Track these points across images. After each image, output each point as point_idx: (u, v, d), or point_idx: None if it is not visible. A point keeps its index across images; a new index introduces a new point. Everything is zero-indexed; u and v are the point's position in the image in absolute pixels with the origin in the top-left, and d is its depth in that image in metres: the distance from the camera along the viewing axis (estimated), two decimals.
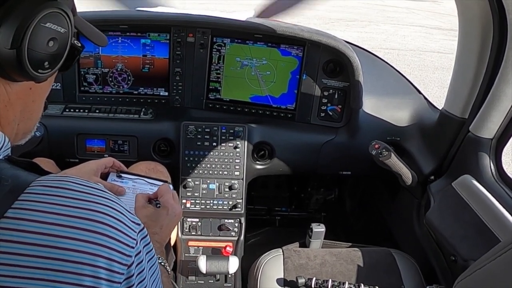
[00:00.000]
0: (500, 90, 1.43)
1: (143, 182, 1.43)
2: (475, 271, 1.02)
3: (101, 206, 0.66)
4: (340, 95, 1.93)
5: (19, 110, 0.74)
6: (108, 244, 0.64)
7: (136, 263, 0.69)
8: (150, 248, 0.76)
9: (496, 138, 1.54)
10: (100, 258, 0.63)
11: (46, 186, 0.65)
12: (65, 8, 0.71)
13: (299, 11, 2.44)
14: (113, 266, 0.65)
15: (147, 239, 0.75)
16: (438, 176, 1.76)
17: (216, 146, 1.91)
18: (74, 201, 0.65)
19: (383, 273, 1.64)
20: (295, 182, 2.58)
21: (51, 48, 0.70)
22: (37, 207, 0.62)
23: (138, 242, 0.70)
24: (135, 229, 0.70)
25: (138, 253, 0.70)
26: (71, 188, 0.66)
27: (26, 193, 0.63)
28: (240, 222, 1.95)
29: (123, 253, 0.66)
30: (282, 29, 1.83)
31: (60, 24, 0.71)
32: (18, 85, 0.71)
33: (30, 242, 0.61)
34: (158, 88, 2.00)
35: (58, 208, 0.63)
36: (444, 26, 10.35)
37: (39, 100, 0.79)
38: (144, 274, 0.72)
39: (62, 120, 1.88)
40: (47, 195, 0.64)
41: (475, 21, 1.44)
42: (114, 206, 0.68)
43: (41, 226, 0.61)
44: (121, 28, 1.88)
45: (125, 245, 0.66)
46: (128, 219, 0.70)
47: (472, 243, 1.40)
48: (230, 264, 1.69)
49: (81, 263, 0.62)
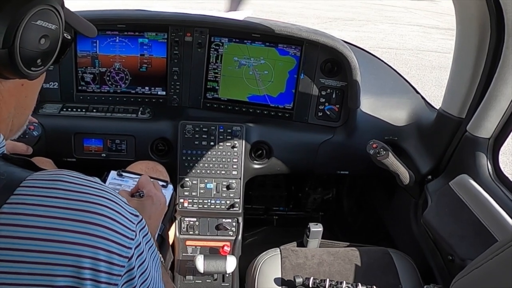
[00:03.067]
0: (498, 89, 1.43)
1: None
2: (472, 270, 1.02)
3: (98, 198, 0.66)
4: (337, 94, 1.93)
5: (12, 106, 0.74)
6: (107, 235, 0.64)
7: (137, 255, 0.69)
8: (149, 238, 0.76)
9: (493, 138, 1.55)
10: (99, 251, 0.63)
11: (41, 180, 0.65)
12: (55, 4, 0.71)
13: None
14: (112, 258, 0.64)
15: (145, 229, 0.74)
16: (436, 175, 1.77)
17: (214, 146, 1.90)
18: (70, 193, 0.65)
19: (380, 273, 1.64)
20: (293, 182, 2.58)
21: (43, 46, 0.70)
22: (33, 201, 0.62)
23: (138, 234, 0.70)
24: (133, 220, 0.70)
25: (138, 245, 0.70)
26: (67, 181, 0.66)
27: (22, 187, 0.63)
28: (237, 222, 1.95)
29: (122, 245, 0.66)
30: (280, 29, 1.83)
31: (51, 21, 0.71)
32: (10, 82, 0.71)
33: (27, 236, 0.61)
34: (156, 88, 2.00)
35: (54, 200, 0.63)
36: (442, 26, 10.37)
37: (32, 95, 0.79)
38: (146, 265, 0.72)
39: (59, 120, 1.87)
40: (43, 188, 0.64)
41: (472, 21, 1.44)
42: (111, 198, 0.68)
43: (37, 220, 0.61)
44: (119, 28, 1.88)
45: (124, 237, 0.66)
46: (126, 210, 0.70)
47: (469, 242, 1.40)
48: (227, 263, 1.69)
49: (79, 255, 0.62)
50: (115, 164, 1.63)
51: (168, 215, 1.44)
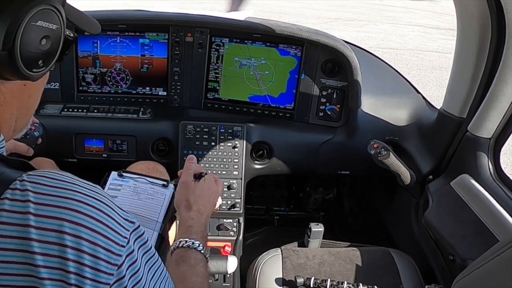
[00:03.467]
0: (498, 89, 1.43)
1: (144, 181, 1.43)
2: (474, 270, 1.02)
3: (87, 198, 0.63)
4: (338, 94, 1.93)
5: (15, 107, 0.72)
6: (92, 238, 0.61)
7: (128, 264, 0.65)
8: (148, 248, 0.72)
9: (494, 138, 1.54)
10: (83, 254, 0.60)
11: (31, 175, 0.63)
12: (55, 4, 0.69)
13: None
14: (99, 265, 0.61)
15: (143, 238, 0.71)
16: (437, 175, 1.77)
17: (215, 146, 1.90)
18: (54, 189, 0.62)
19: (381, 273, 1.64)
20: (294, 182, 2.58)
21: (44, 46, 0.69)
22: (19, 197, 0.60)
23: (131, 241, 0.66)
24: (127, 226, 0.66)
25: (130, 253, 0.66)
26: (55, 178, 0.64)
27: (13, 185, 0.61)
28: (238, 222, 1.95)
29: (110, 251, 0.63)
30: (280, 29, 1.83)
31: (51, 21, 0.69)
32: (12, 83, 0.69)
33: (6, 234, 0.59)
34: (157, 88, 2.00)
35: (38, 197, 0.61)
36: (442, 26, 10.37)
37: (35, 95, 0.77)
38: (139, 276, 0.68)
39: (60, 120, 1.87)
40: (31, 182, 0.62)
41: (473, 21, 1.44)
42: (102, 200, 0.65)
43: (17, 217, 0.59)
44: (120, 28, 1.88)
45: (113, 242, 0.63)
46: (119, 215, 0.66)
47: (470, 242, 1.40)
48: (228, 263, 1.69)
49: (62, 257, 0.59)
50: (116, 165, 1.63)
51: (168, 215, 1.44)
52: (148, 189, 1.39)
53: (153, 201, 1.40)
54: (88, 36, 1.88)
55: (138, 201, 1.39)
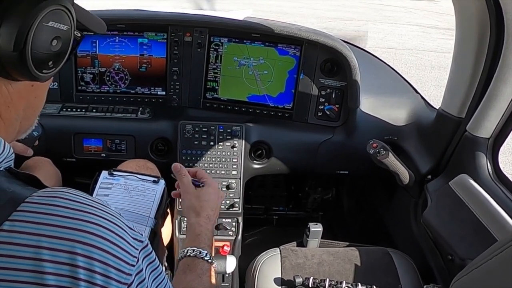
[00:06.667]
0: (497, 89, 1.43)
1: (135, 179, 1.44)
2: (472, 270, 1.02)
3: (98, 218, 0.63)
4: (337, 94, 1.93)
5: (21, 108, 0.72)
6: (104, 259, 0.61)
7: (137, 282, 0.66)
8: (155, 266, 0.73)
9: (493, 138, 1.55)
10: (95, 274, 0.60)
11: (42, 197, 0.62)
12: (66, 4, 0.68)
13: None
14: (110, 284, 0.61)
15: (151, 257, 0.71)
16: (435, 175, 1.77)
17: (214, 146, 1.90)
18: (68, 211, 0.62)
19: (380, 273, 1.64)
20: (293, 182, 2.58)
21: (55, 47, 0.68)
22: (31, 219, 0.60)
23: (140, 260, 0.67)
24: (136, 246, 0.67)
25: (139, 272, 0.66)
26: (67, 198, 0.63)
27: (23, 205, 0.60)
28: (237, 222, 1.95)
29: (121, 271, 0.63)
30: (279, 29, 1.83)
31: (63, 22, 0.68)
32: (20, 84, 0.69)
33: (21, 255, 0.58)
34: (156, 88, 2.00)
35: (51, 218, 0.60)
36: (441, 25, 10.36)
37: (41, 96, 0.77)
38: None
39: (59, 120, 1.87)
40: (42, 204, 0.61)
41: (472, 21, 1.44)
42: (112, 220, 0.65)
43: (32, 238, 0.59)
44: (118, 27, 1.88)
45: (123, 262, 0.63)
46: (129, 235, 0.66)
47: (469, 242, 1.40)
48: (227, 263, 1.69)
49: (74, 277, 0.59)
50: (115, 164, 1.63)
51: (160, 211, 1.44)
52: (139, 186, 1.40)
53: (144, 198, 1.41)
54: (87, 35, 1.87)
55: (130, 198, 1.40)
